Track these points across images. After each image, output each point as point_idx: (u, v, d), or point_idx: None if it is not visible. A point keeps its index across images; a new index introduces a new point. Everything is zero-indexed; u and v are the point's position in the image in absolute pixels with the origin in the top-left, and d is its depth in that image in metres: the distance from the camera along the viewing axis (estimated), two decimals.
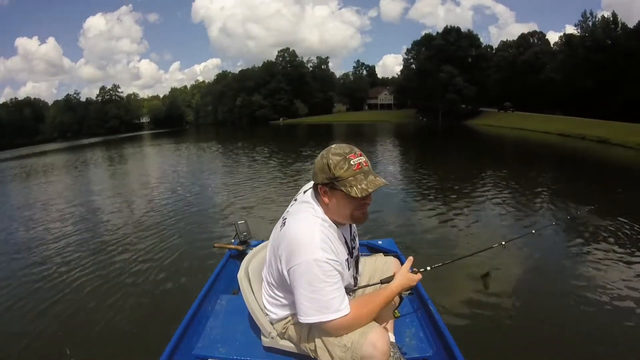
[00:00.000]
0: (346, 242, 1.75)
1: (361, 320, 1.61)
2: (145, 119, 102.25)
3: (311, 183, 1.76)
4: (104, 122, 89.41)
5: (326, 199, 1.63)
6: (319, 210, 1.67)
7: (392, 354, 1.72)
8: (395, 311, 1.92)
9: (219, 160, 18.58)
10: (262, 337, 1.95)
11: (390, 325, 1.95)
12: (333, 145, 1.65)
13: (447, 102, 54.86)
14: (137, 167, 19.22)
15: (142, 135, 66.15)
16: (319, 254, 1.53)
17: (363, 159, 1.60)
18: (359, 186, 1.55)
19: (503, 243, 2.25)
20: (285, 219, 1.73)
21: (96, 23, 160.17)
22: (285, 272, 1.62)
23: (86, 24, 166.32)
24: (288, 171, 13.32)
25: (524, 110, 44.62)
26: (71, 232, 6.87)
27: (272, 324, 1.88)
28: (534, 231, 2.63)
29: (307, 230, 1.59)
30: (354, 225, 1.87)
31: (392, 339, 1.89)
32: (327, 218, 1.66)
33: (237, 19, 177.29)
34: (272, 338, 1.89)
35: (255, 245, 2.50)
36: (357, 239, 1.92)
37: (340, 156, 1.58)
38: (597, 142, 22.22)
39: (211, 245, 3.95)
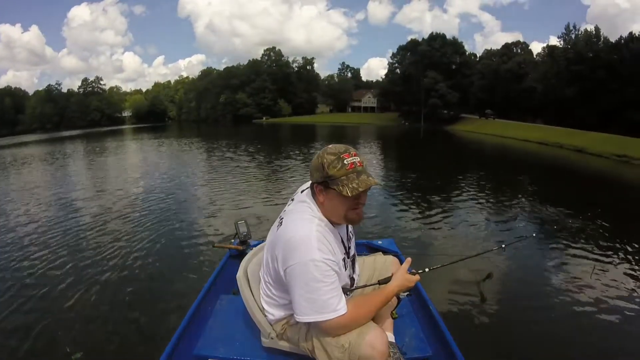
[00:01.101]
0: (342, 241, 1.76)
1: (359, 321, 1.61)
2: (127, 113, 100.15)
3: (309, 182, 1.77)
4: (85, 115, 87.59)
5: (321, 198, 1.64)
6: (315, 209, 1.67)
7: (391, 354, 1.74)
8: (393, 312, 1.92)
9: (213, 160, 18.12)
10: (261, 337, 1.94)
11: (389, 325, 1.96)
12: (330, 145, 1.66)
13: (429, 107, 55.65)
14: (124, 163, 18.57)
15: (123, 130, 64.53)
16: (316, 254, 1.52)
17: (357, 159, 1.61)
18: (350, 185, 1.56)
19: (503, 246, 2.30)
20: (282, 218, 1.73)
21: (81, 13, 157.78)
22: (282, 272, 1.61)
23: (71, 13, 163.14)
24: (283, 170, 13.29)
25: (506, 118, 45.43)
26: (66, 231, 6.51)
27: (271, 324, 1.86)
28: (534, 234, 2.72)
29: (304, 230, 1.58)
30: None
31: (392, 338, 1.91)
32: (323, 217, 1.66)
33: (224, 16, 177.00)
34: (272, 338, 1.88)
35: (255, 245, 2.48)
36: (353, 238, 1.91)
37: (335, 155, 1.60)
38: (574, 151, 22.99)
39: (211, 245, 3.93)
